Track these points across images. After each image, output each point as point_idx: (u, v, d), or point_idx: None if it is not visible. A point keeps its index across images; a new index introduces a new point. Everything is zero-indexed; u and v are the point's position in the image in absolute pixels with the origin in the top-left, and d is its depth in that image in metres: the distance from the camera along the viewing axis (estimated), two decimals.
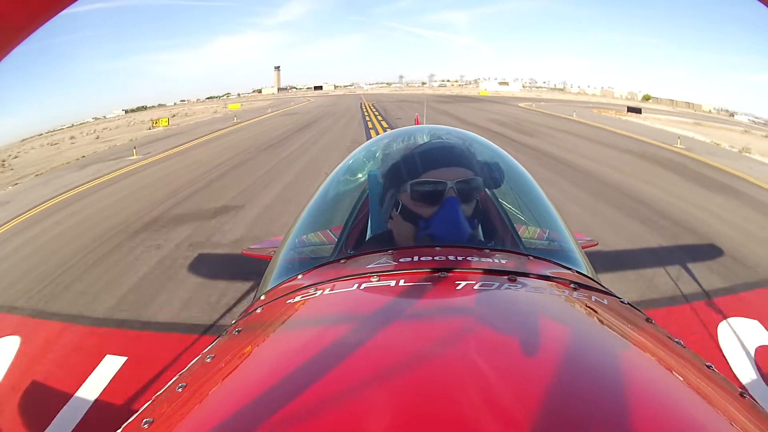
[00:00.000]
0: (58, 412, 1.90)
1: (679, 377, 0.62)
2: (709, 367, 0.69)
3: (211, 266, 5.48)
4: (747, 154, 14.71)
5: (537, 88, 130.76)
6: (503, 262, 0.94)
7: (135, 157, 15.84)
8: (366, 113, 29.32)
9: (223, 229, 6.88)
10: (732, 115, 63.16)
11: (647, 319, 0.83)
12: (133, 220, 7.76)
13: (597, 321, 0.77)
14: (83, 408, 1.94)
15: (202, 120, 35.74)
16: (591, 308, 0.80)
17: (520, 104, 39.87)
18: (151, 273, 5.34)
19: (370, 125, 21.45)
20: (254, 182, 10.13)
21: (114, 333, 3.89)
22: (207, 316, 4.09)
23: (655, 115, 32.50)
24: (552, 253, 1.24)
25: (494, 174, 1.27)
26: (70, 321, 4.14)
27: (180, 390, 0.63)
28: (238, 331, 0.82)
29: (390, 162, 1.26)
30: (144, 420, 0.58)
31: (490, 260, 0.94)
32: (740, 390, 0.64)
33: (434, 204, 1.10)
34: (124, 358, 2.26)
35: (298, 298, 0.85)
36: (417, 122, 5.37)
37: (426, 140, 1.29)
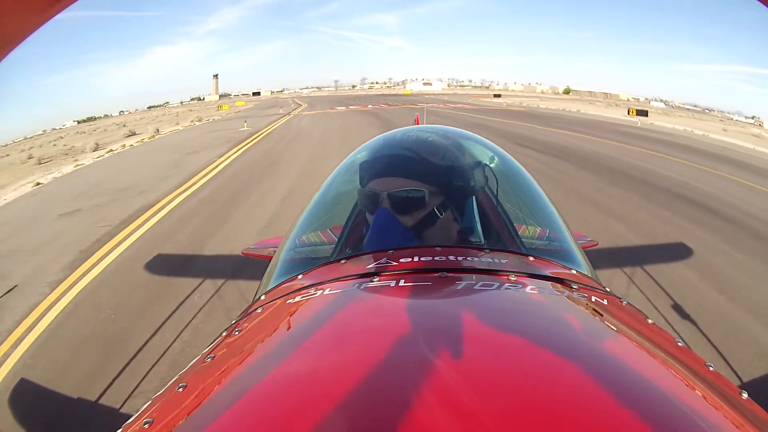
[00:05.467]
0: None
1: (680, 377, 0.64)
2: (709, 366, 0.72)
3: None
4: (527, 105, 42.61)
5: (461, 86, 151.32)
6: (503, 262, 0.98)
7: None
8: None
9: None
10: (649, 101, 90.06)
11: (647, 319, 0.87)
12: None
13: (597, 321, 0.80)
14: None
15: None
16: (591, 308, 0.83)
17: (425, 95, 67.64)
18: None
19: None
20: None
21: None
22: None
23: (511, 97, 63.60)
24: (552, 253, 1.29)
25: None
26: None
27: (180, 390, 0.66)
28: (238, 332, 0.85)
29: (390, 165, 1.33)
30: (144, 420, 0.60)
31: (490, 260, 0.98)
32: (740, 389, 0.66)
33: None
34: None
35: (298, 298, 0.89)
36: (417, 122, 5.44)
37: (430, 144, 1.34)
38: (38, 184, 13.01)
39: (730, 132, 27.23)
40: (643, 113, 33.63)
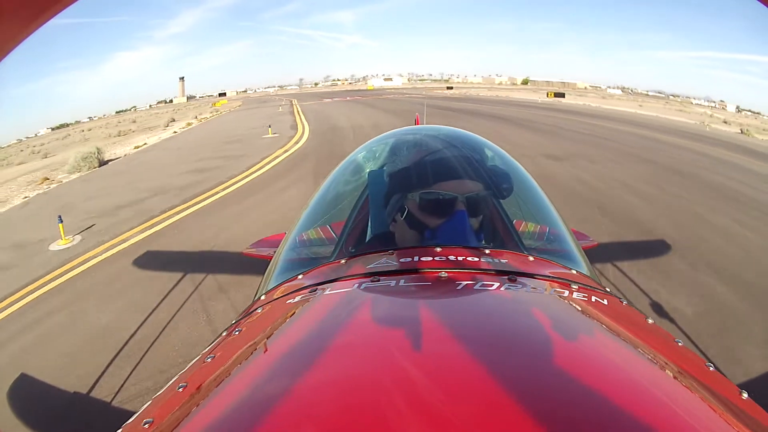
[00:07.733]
0: None
1: (679, 378, 0.65)
2: (708, 367, 0.74)
3: None
4: (469, 93, 56.11)
5: (421, 80, 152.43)
6: (503, 262, 1.00)
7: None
8: None
9: None
10: (607, 88, 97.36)
11: (647, 320, 0.89)
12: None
13: (597, 321, 0.81)
14: None
15: None
16: (591, 308, 0.85)
17: (386, 89, 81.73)
18: None
19: None
20: None
21: None
22: None
23: (465, 89, 76.95)
24: (552, 253, 1.32)
25: (503, 185, 1.36)
26: None
27: (180, 390, 0.68)
28: (238, 332, 0.88)
29: (395, 165, 1.33)
30: (144, 420, 0.62)
31: (490, 261, 1.00)
32: (740, 390, 0.67)
33: (444, 216, 1.19)
34: None
35: (298, 298, 0.91)
36: (417, 122, 5.58)
37: (432, 145, 1.36)
38: (175, 132, 22.29)
39: (646, 107, 39.85)
40: (560, 95, 47.02)
